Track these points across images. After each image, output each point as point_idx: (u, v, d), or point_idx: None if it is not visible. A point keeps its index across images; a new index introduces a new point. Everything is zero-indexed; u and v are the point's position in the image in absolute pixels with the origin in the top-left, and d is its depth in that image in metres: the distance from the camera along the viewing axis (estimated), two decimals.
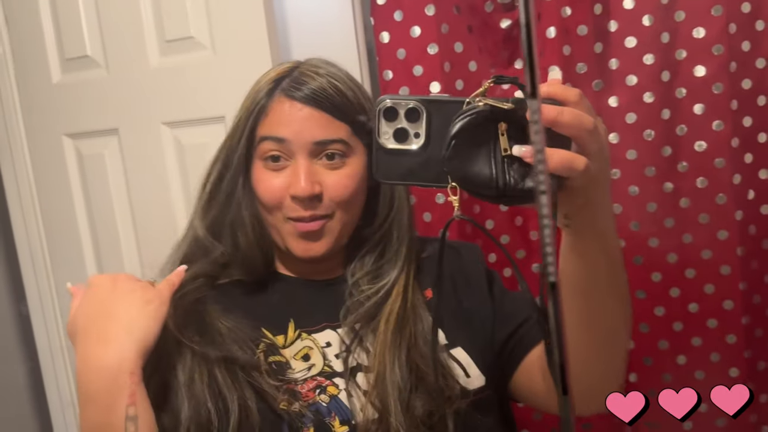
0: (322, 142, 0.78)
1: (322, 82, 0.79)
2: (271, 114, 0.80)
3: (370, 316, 0.80)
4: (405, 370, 0.75)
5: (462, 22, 1.36)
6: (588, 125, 0.51)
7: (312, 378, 0.77)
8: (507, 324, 0.84)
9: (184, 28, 1.30)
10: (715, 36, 1.27)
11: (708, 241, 1.33)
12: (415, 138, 0.54)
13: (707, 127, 1.30)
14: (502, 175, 0.52)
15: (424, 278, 0.85)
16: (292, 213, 0.79)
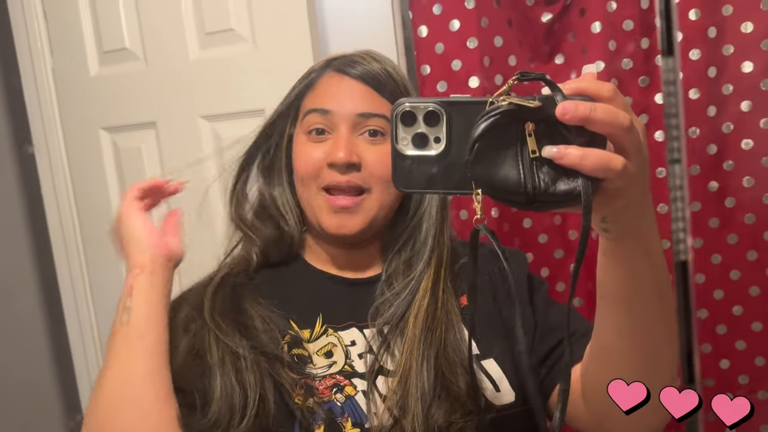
0: (365, 114, 0.78)
1: (374, 65, 0.81)
2: (319, 88, 0.81)
3: (398, 316, 0.77)
4: (431, 374, 0.72)
5: (502, 15, 1.34)
6: (624, 122, 0.47)
7: (331, 376, 0.76)
8: (549, 338, 0.80)
9: (225, 21, 1.29)
10: (763, 31, 1.24)
11: (754, 243, 1.30)
12: (435, 143, 0.51)
13: (755, 124, 1.27)
14: (531, 179, 0.48)
15: (460, 284, 0.82)
16: (328, 179, 0.78)
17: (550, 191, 0.48)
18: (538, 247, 1.40)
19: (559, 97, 0.47)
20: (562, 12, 1.35)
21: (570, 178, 0.47)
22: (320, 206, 0.79)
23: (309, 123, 0.80)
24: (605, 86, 0.48)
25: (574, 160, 0.46)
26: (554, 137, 0.48)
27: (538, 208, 0.49)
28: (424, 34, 1.34)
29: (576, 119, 0.46)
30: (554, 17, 1.35)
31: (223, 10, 1.28)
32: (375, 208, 0.79)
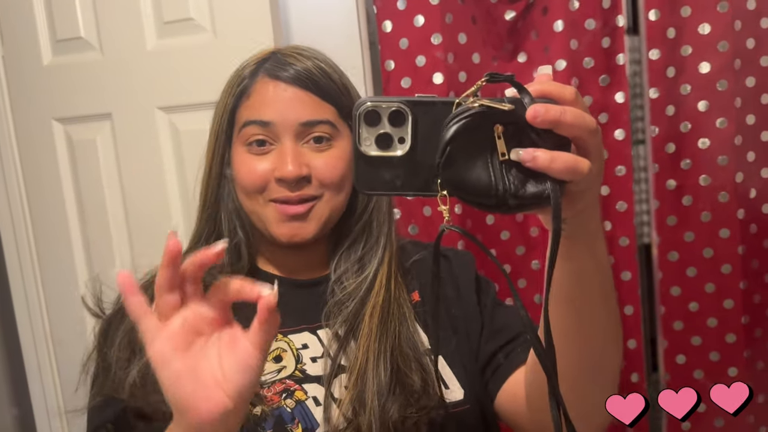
0: (309, 123, 0.75)
1: (307, 63, 0.76)
2: (254, 96, 0.76)
3: (354, 315, 0.76)
4: (388, 368, 0.72)
5: (466, 12, 1.34)
6: (591, 125, 0.48)
7: (281, 381, 0.74)
8: (495, 338, 0.80)
9: (184, 10, 1.26)
10: (720, 32, 1.26)
11: (710, 240, 1.33)
12: (399, 143, 0.49)
13: (711, 124, 1.30)
14: (502, 182, 0.47)
15: (411, 281, 0.82)
16: (277, 194, 0.75)
17: (520, 194, 0.47)
18: (500, 244, 1.41)
19: (527, 100, 0.47)
20: (525, 10, 1.35)
21: (538, 181, 0.47)
22: (270, 216, 0.76)
23: (248, 134, 0.76)
24: (568, 89, 0.48)
25: (544, 163, 0.46)
26: (522, 140, 0.47)
27: (507, 211, 0.49)
28: (389, 29, 1.33)
29: (546, 122, 0.46)
30: (517, 15, 1.36)
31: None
32: (326, 212, 0.78)
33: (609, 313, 0.62)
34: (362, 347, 0.73)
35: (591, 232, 0.56)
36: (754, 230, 1.34)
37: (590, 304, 0.60)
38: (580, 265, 0.56)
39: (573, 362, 0.60)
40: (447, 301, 0.82)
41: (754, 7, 1.28)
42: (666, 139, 1.32)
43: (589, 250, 0.56)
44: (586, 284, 0.58)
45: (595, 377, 0.64)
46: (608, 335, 0.63)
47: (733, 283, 1.33)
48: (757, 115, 1.30)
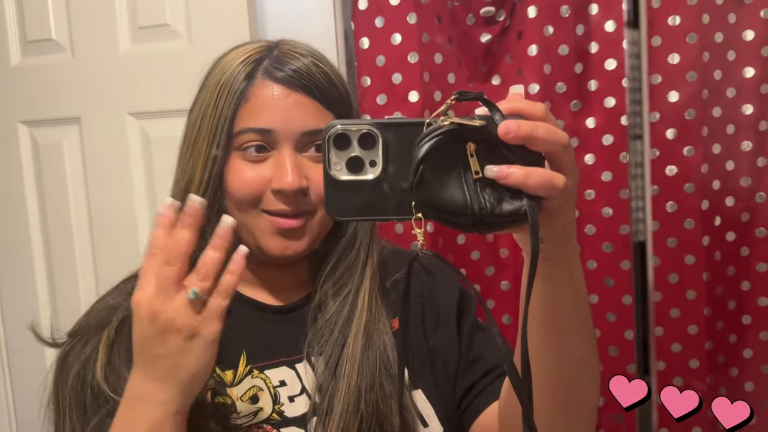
0: (311, 132, 0.70)
1: (307, 62, 0.71)
2: (254, 100, 0.69)
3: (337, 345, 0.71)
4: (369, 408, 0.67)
5: (443, 33, 1.36)
6: (564, 140, 0.47)
7: (257, 425, 0.69)
8: (471, 371, 0.76)
9: (160, 15, 1.25)
10: (688, 62, 1.30)
11: (676, 266, 1.35)
12: (370, 167, 0.48)
13: (678, 152, 1.32)
14: (477, 201, 0.46)
15: (391, 304, 0.76)
16: (273, 206, 0.70)
17: (496, 212, 0.47)
18: (470, 264, 1.41)
19: (498, 117, 0.46)
20: (500, 34, 1.37)
21: (513, 198, 0.47)
22: (263, 228, 0.70)
23: (243, 141, 0.70)
24: (538, 106, 0.48)
25: (518, 179, 0.45)
26: (494, 157, 0.47)
27: (483, 230, 0.48)
28: (366, 45, 1.34)
29: (518, 138, 0.45)
30: (493, 38, 1.38)
31: (158, 5, 1.24)
32: (318, 228, 0.72)
33: (585, 340, 0.60)
34: (346, 378, 0.69)
35: (568, 253, 0.55)
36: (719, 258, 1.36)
37: (566, 329, 0.58)
38: (556, 287, 0.55)
39: (547, 391, 0.58)
40: (425, 330, 0.78)
41: (722, 39, 1.31)
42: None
43: (566, 273, 0.55)
44: (563, 308, 0.57)
45: (568, 409, 0.62)
46: (584, 364, 0.61)
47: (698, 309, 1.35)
48: (722, 144, 1.34)
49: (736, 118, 1.33)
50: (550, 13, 1.31)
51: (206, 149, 0.71)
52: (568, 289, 0.56)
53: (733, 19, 1.31)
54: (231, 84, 0.70)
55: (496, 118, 0.46)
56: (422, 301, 0.79)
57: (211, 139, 0.71)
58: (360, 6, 1.33)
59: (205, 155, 0.71)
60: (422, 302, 0.79)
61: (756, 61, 1.31)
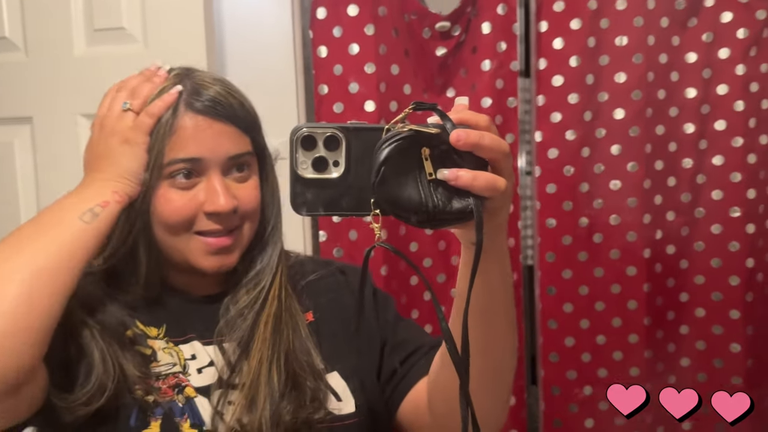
0: (235, 156, 0.76)
1: (220, 90, 0.76)
2: (180, 132, 0.74)
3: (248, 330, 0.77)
4: (282, 373, 0.75)
5: (400, 45, 1.39)
6: (505, 148, 0.54)
7: (174, 375, 0.75)
8: (398, 352, 0.84)
9: (116, 18, 1.25)
10: (634, 82, 1.35)
11: (618, 277, 1.40)
12: (334, 166, 0.54)
13: (623, 167, 1.37)
14: (431, 199, 0.52)
15: (305, 301, 0.84)
16: (206, 227, 0.75)
17: (447, 209, 0.53)
18: (422, 271, 1.44)
19: (449, 126, 0.52)
20: (455, 48, 1.41)
21: (462, 198, 0.53)
22: (196, 249, 0.76)
23: (174, 168, 0.74)
24: (482, 117, 0.55)
25: (467, 181, 0.52)
26: (445, 161, 0.53)
27: (435, 226, 0.54)
28: (324, 54, 1.36)
29: (468, 145, 0.52)
30: (448, 52, 1.41)
31: (114, 8, 1.24)
32: (246, 239, 0.79)
33: (510, 325, 0.68)
34: (256, 355, 0.75)
35: (502, 249, 0.63)
36: (659, 270, 1.42)
37: (497, 316, 0.66)
38: (491, 279, 0.62)
39: (476, 369, 0.63)
40: (346, 320, 0.84)
41: (666, 60, 1.37)
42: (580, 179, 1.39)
43: (499, 266, 0.63)
44: (495, 298, 0.64)
45: (493, 386, 0.70)
46: (508, 346, 0.69)
47: (638, 319, 1.40)
48: (665, 161, 1.39)
49: (678, 137, 1.39)
50: (503, 30, 1.36)
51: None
52: (499, 280, 0.64)
53: (677, 41, 1.38)
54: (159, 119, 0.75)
55: (448, 127, 0.52)
56: (339, 295, 0.87)
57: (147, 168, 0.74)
58: (318, 15, 1.35)
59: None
60: (339, 296, 0.86)
61: (698, 83, 1.38)
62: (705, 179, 1.40)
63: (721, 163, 1.38)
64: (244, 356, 0.76)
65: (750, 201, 1.37)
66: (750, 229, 1.38)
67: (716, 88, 1.37)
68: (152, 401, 0.72)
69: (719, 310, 1.40)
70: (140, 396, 0.72)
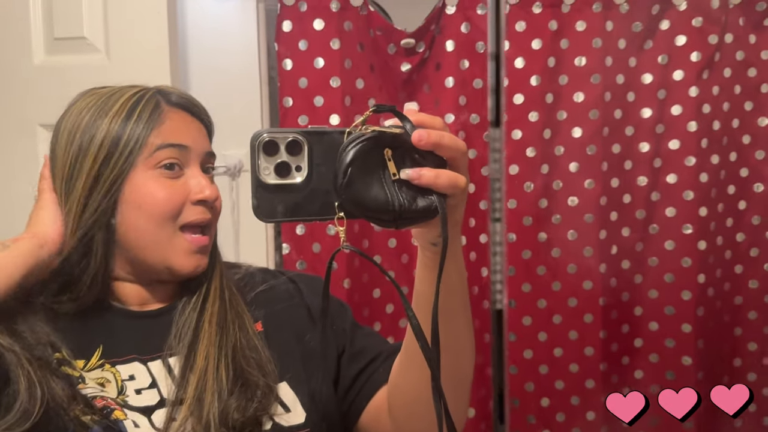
0: (210, 153, 0.79)
1: (192, 99, 0.80)
2: (168, 122, 0.76)
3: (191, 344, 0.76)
4: (230, 368, 0.74)
5: (365, 60, 1.40)
6: (463, 147, 0.56)
7: (102, 398, 0.72)
8: (356, 362, 0.83)
9: (77, 28, 1.23)
10: (592, 101, 1.39)
11: (575, 291, 1.43)
12: (297, 171, 0.54)
13: (580, 184, 1.41)
14: (397, 199, 0.53)
15: (254, 311, 0.82)
16: (193, 217, 0.75)
17: (413, 208, 0.54)
18: (386, 284, 1.45)
19: (409, 126, 0.54)
20: (419, 64, 1.43)
21: (425, 196, 0.54)
22: (179, 248, 0.75)
23: (160, 158, 0.74)
24: (437, 119, 0.56)
25: (430, 179, 0.53)
26: (407, 161, 0.54)
27: (401, 225, 0.55)
28: (289, 67, 1.36)
29: (429, 144, 0.53)
30: (412, 68, 1.43)
31: (75, 17, 1.23)
32: (212, 242, 0.80)
33: (467, 323, 0.70)
34: (202, 354, 0.75)
35: (458, 247, 0.64)
36: (614, 284, 1.46)
37: (454, 313, 0.67)
38: (450, 276, 0.62)
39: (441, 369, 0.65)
40: (298, 330, 0.84)
41: (623, 81, 1.41)
42: (540, 194, 1.42)
43: (456, 265, 0.63)
44: (452, 295, 0.65)
45: (453, 379, 0.70)
46: (467, 344, 0.71)
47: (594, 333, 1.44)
48: (621, 179, 1.43)
49: (634, 155, 1.43)
50: (466, 48, 1.38)
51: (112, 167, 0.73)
52: (457, 278, 0.64)
53: (634, 63, 1.42)
54: (146, 110, 0.75)
55: (408, 128, 0.53)
56: (290, 304, 0.85)
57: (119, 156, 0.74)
58: (284, 28, 1.35)
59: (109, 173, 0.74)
60: (290, 306, 0.85)
61: (653, 103, 1.42)
62: (659, 197, 1.44)
63: (675, 182, 1.42)
64: (190, 365, 0.74)
65: (702, 218, 1.42)
66: (702, 246, 1.42)
67: (671, 109, 1.42)
68: (83, 424, 0.69)
69: (672, 323, 1.45)
70: (73, 417, 0.69)
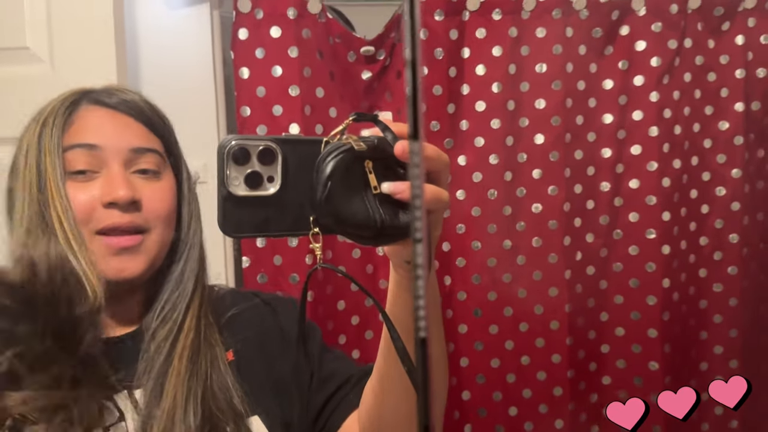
0: (139, 149, 0.72)
1: (135, 96, 0.76)
2: (78, 122, 0.72)
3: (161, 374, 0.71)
4: (198, 412, 0.69)
5: (324, 67, 1.38)
6: (446, 160, 0.53)
7: None
8: (325, 387, 0.80)
9: (20, 37, 1.18)
10: (553, 108, 1.38)
11: (540, 298, 1.42)
12: (269, 182, 0.49)
13: (543, 191, 1.40)
14: (378, 214, 0.50)
15: (228, 338, 0.78)
16: (107, 221, 0.70)
17: (395, 223, 0.50)
18: (350, 295, 1.42)
19: (391, 137, 0.50)
20: (380, 72, 1.41)
21: (406, 211, 0.50)
22: (96, 252, 0.70)
23: (69, 162, 0.70)
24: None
25: None
26: (388, 173, 0.50)
27: (384, 242, 0.51)
28: (246, 75, 1.33)
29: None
30: (373, 76, 1.41)
31: (18, 26, 1.18)
32: (156, 248, 0.74)
33: (440, 339, 0.67)
34: (170, 394, 0.69)
35: (432, 268, 0.60)
36: (580, 290, 1.45)
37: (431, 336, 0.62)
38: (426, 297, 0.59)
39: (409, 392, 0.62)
40: (270, 356, 0.80)
41: (584, 87, 1.41)
42: (503, 202, 1.40)
43: (432, 283, 0.60)
44: (430, 316, 0.60)
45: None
46: (441, 365, 0.68)
47: (561, 340, 1.43)
48: (584, 185, 1.43)
49: (596, 161, 1.43)
50: (425, 55, 1.36)
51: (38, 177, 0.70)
52: (431, 297, 0.61)
53: (594, 68, 1.42)
54: (55, 114, 0.72)
55: (390, 138, 0.50)
56: (261, 329, 0.81)
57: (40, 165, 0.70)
58: (240, 36, 1.32)
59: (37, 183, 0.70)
60: (261, 331, 0.81)
61: (614, 109, 1.42)
62: (622, 202, 1.44)
63: (637, 187, 1.42)
64: (157, 400, 0.70)
65: (665, 223, 1.42)
66: (665, 250, 1.42)
67: (632, 114, 1.42)
68: None
69: (638, 329, 1.44)
70: None
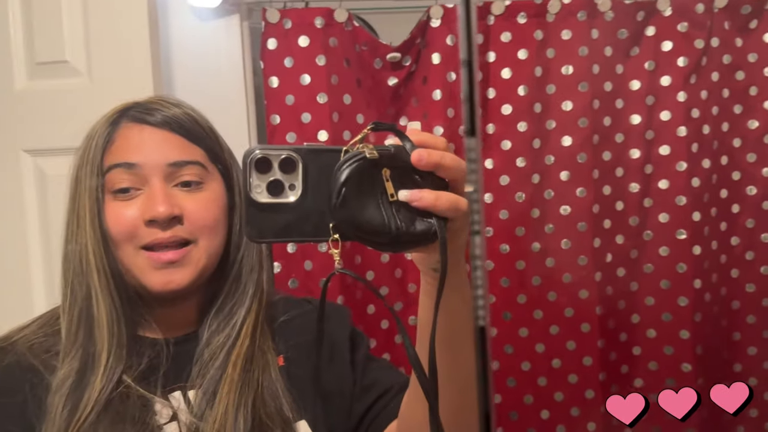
0: (177, 163, 0.73)
1: (175, 110, 0.76)
2: (119, 141, 0.73)
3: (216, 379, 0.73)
4: (248, 420, 0.71)
5: (351, 75, 1.39)
6: (465, 168, 0.53)
7: None
8: (366, 396, 0.80)
9: (59, 52, 1.22)
10: (580, 109, 1.38)
11: (571, 300, 1.42)
12: (290, 190, 0.51)
13: (572, 193, 1.40)
14: (394, 221, 0.51)
15: (279, 343, 0.79)
16: (149, 237, 0.71)
17: (411, 231, 0.51)
18: (378, 300, 1.43)
19: (409, 146, 0.51)
20: (406, 78, 1.42)
21: (424, 219, 0.51)
22: (141, 266, 0.72)
23: (112, 181, 0.72)
24: (440, 139, 0.54)
25: (430, 202, 0.51)
26: (406, 182, 0.52)
27: (398, 249, 0.53)
28: (275, 84, 1.35)
29: (430, 165, 0.51)
30: (399, 82, 1.42)
31: (57, 40, 1.21)
32: (203, 258, 0.74)
33: (473, 355, 0.64)
34: (222, 401, 0.71)
35: (463, 272, 0.60)
36: (610, 292, 1.44)
37: (460, 342, 0.63)
38: (453, 305, 0.59)
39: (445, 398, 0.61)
40: (319, 365, 0.80)
41: (611, 89, 1.41)
42: (531, 205, 1.41)
43: (460, 292, 0.60)
44: (458, 324, 0.62)
45: (462, 410, 0.66)
46: (471, 376, 0.66)
47: (592, 342, 1.42)
48: (612, 186, 1.43)
49: (624, 162, 1.43)
50: (452, 61, 1.37)
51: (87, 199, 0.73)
52: (461, 306, 0.61)
53: (621, 70, 1.42)
54: (97, 133, 0.75)
55: (408, 147, 0.51)
56: (312, 337, 0.81)
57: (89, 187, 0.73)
58: (269, 46, 1.35)
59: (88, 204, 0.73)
60: (312, 338, 0.81)
61: (642, 110, 1.42)
62: (651, 203, 1.43)
63: (667, 187, 1.42)
64: (210, 405, 0.72)
65: (695, 223, 1.41)
66: (696, 251, 1.41)
67: (660, 115, 1.41)
68: None
69: (670, 330, 1.43)
70: None
